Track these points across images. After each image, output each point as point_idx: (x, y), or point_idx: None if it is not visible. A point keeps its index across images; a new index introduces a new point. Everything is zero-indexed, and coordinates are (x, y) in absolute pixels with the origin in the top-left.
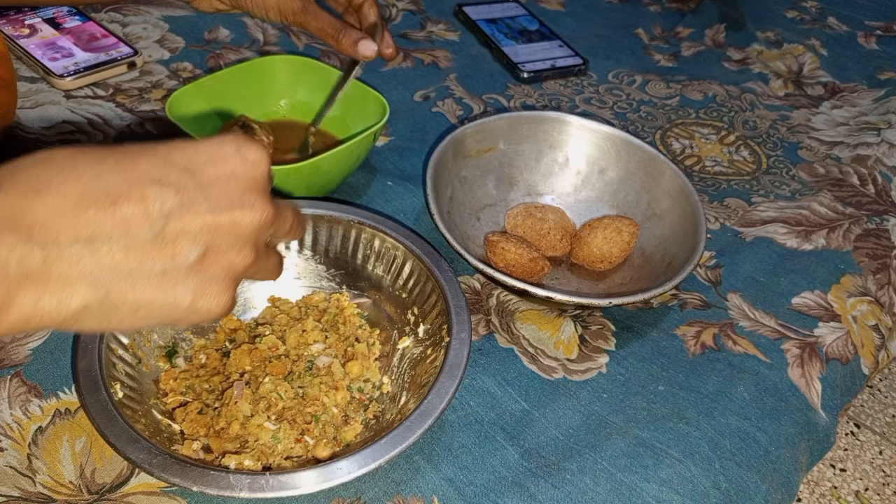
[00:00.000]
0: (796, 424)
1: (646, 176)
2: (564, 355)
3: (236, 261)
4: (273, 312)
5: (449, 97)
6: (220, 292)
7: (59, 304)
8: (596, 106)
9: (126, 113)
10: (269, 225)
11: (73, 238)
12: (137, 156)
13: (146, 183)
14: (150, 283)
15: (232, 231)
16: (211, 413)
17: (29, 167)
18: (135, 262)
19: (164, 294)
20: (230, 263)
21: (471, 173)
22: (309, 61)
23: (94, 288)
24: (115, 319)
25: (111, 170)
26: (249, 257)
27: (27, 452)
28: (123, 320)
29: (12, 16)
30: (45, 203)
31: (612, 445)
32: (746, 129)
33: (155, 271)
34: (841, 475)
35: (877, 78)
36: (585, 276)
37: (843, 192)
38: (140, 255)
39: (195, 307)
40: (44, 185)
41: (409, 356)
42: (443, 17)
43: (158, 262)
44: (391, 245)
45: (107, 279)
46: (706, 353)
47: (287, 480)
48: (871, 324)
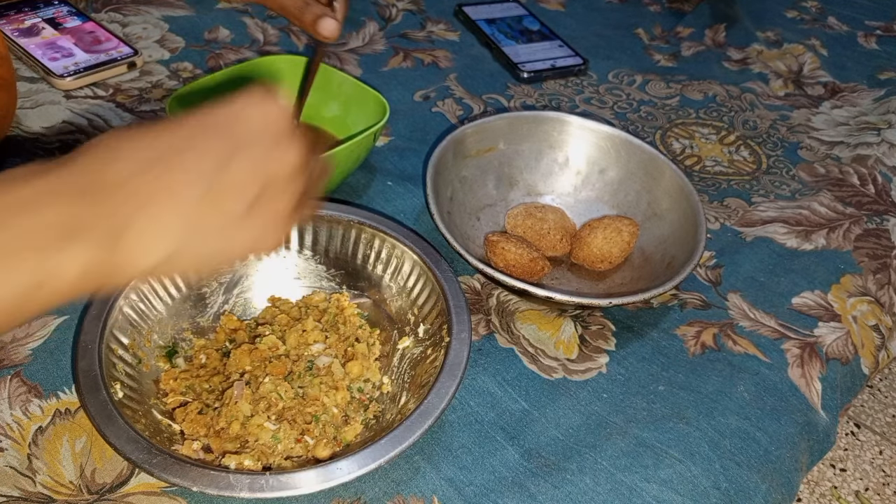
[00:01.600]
0: (796, 424)
1: (646, 176)
2: (564, 355)
3: (283, 202)
4: (273, 312)
5: (449, 97)
6: (275, 232)
7: (140, 256)
8: (596, 106)
9: (126, 113)
10: (303, 166)
11: (145, 196)
12: (179, 125)
13: (190, 147)
14: (214, 232)
15: (273, 176)
16: (211, 413)
17: (98, 143)
18: (196, 215)
19: (228, 240)
20: (279, 205)
21: (471, 173)
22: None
23: (167, 240)
24: (187, 266)
25: (160, 139)
26: (293, 197)
27: (27, 452)
28: (195, 266)
29: (12, 15)
30: (116, 169)
31: (612, 445)
32: (746, 129)
33: (215, 221)
34: (841, 475)
35: (877, 78)
36: (585, 276)
37: (843, 192)
38: (199, 210)
39: (256, 248)
40: (112, 155)
41: (409, 356)
42: (443, 17)
43: (216, 212)
44: (391, 245)
45: (175, 232)
46: (706, 353)
47: (287, 480)
48: (871, 324)
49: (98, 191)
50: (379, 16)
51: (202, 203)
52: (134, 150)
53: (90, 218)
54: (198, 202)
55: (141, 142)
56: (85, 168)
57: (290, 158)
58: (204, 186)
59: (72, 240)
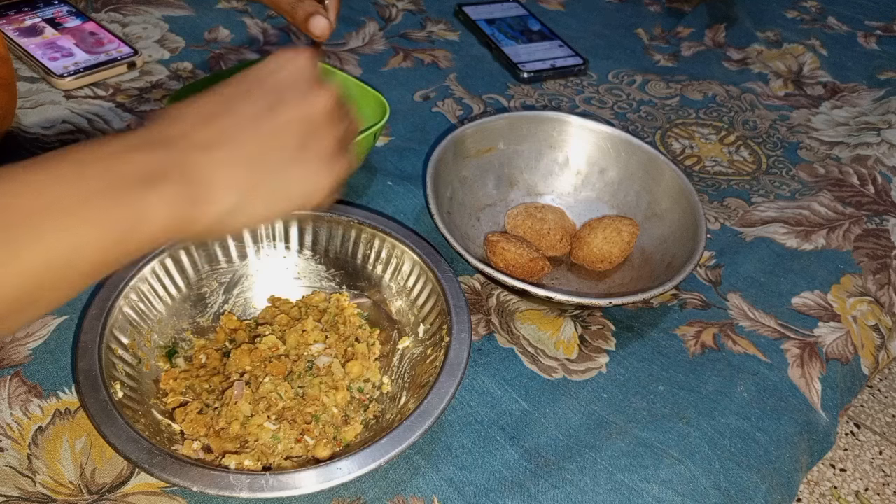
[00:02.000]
0: (796, 424)
1: (646, 176)
2: (564, 355)
3: (328, 139)
4: (273, 312)
5: (449, 97)
6: (328, 169)
7: (215, 196)
8: (596, 106)
9: (126, 113)
10: (338, 106)
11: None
12: (224, 87)
13: (238, 101)
14: (274, 170)
15: (315, 116)
16: (211, 413)
17: (157, 113)
18: (255, 156)
19: (289, 180)
20: (325, 142)
21: (471, 173)
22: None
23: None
24: (255, 213)
25: (210, 100)
26: (337, 136)
27: (27, 452)
28: (264, 209)
29: (12, 15)
30: (179, 126)
31: (612, 445)
32: (746, 129)
33: (273, 159)
34: (841, 475)
35: (877, 78)
36: (585, 276)
37: (843, 192)
38: (257, 150)
39: (315, 187)
40: (173, 117)
41: (409, 356)
42: (443, 17)
43: (272, 151)
44: (391, 245)
45: (240, 172)
46: (706, 353)
47: (287, 480)
48: (871, 324)
49: (168, 143)
50: (379, 16)
51: (258, 144)
52: (189, 111)
53: (167, 164)
54: (254, 144)
55: (194, 105)
56: (151, 129)
57: (326, 100)
58: (256, 130)
59: (156, 183)
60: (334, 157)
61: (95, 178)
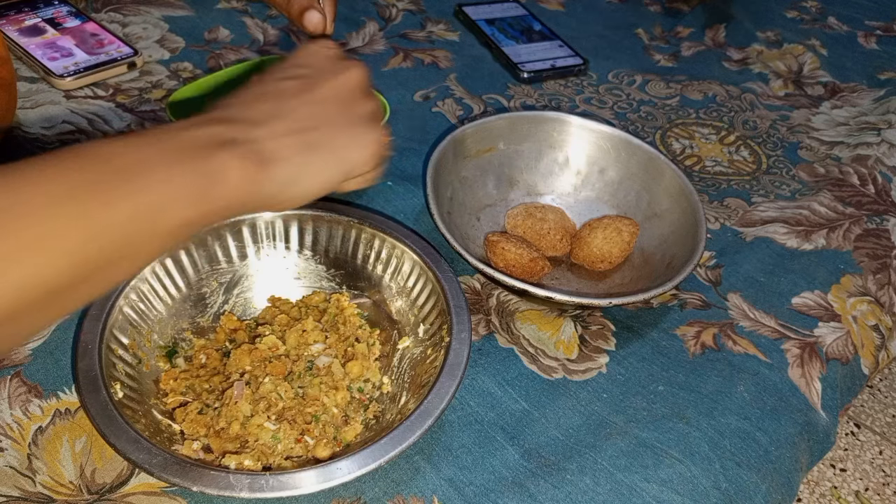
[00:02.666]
0: (796, 424)
1: (646, 176)
2: (564, 355)
3: (368, 105)
4: (273, 312)
5: (449, 97)
6: (372, 129)
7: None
8: (596, 106)
9: (126, 113)
10: (369, 77)
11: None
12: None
13: (278, 83)
14: (327, 135)
15: (351, 86)
16: (211, 413)
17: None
18: (306, 124)
19: (340, 135)
20: (366, 107)
21: (471, 173)
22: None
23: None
24: (313, 180)
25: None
26: (373, 100)
27: (27, 452)
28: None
29: (12, 15)
30: (233, 109)
31: (612, 445)
32: (746, 129)
33: (323, 127)
34: (841, 475)
35: (877, 78)
36: (585, 276)
37: (843, 192)
38: (307, 120)
39: (368, 140)
40: (225, 104)
41: (409, 356)
42: (443, 17)
43: (320, 120)
44: (391, 245)
45: (295, 141)
46: (706, 353)
47: (287, 480)
48: (871, 324)
49: (226, 121)
50: (379, 16)
51: (306, 116)
52: (235, 99)
53: (231, 134)
54: (303, 116)
55: (238, 94)
56: (204, 114)
57: (358, 74)
58: (302, 104)
59: (225, 147)
60: (374, 124)
61: (171, 143)
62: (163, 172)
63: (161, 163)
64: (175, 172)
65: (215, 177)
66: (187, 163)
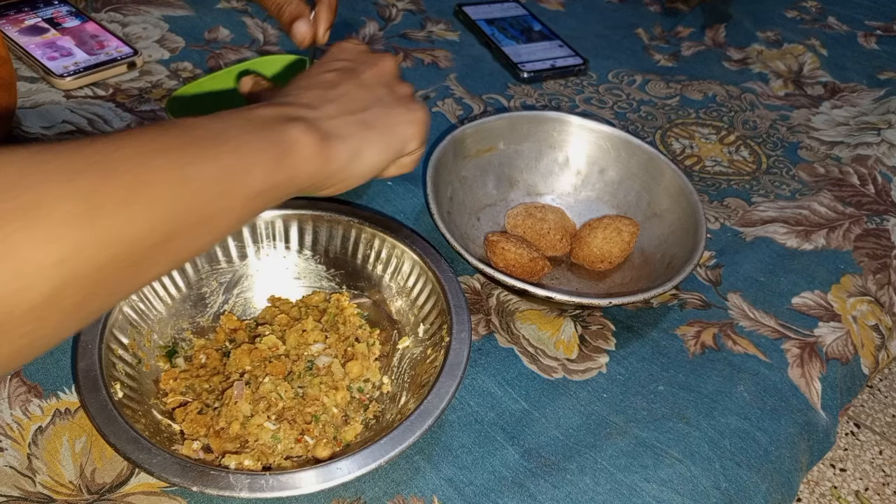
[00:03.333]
0: (796, 424)
1: (646, 176)
2: (564, 355)
3: (406, 87)
4: (273, 312)
5: (449, 97)
6: (416, 105)
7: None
8: (596, 106)
9: (126, 113)
10: (399, 64)
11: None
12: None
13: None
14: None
15: (388, 71)
16: (211, 413)
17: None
18: (357, 105)
19: (390, 114)
20: (406, 89)
21: (471, 173)
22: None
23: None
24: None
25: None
26: (408, 84)
27: (27, 452)
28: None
29: (12, 15)
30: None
31: (612, 445)
32: (746, 129)
33: (374, 110)
34: (841, 475)
35: (877, 78)
36: (585, 276)
37: (843, 192)
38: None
39: (414, 117)
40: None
41: (409, 356)
42: (443, 17)
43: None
44: (391, 245)
45: (354, 124)
46: (706, 353)
47: (287, 480)
48: (871, 324)
49: (287, 104)
50: (379, 16)
51: (357, 98)
52: (286, 91)
53: (296, 112)
54: (354, 98)
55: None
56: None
57: (391, 61)
58: (350, 89)
59: (294, 122)
60: (417, 102)
61: (242, 119)
62: (241, 140)
63: (239, 133)
64: (252, 140)
65: (288, 147)
66: (262, 133)
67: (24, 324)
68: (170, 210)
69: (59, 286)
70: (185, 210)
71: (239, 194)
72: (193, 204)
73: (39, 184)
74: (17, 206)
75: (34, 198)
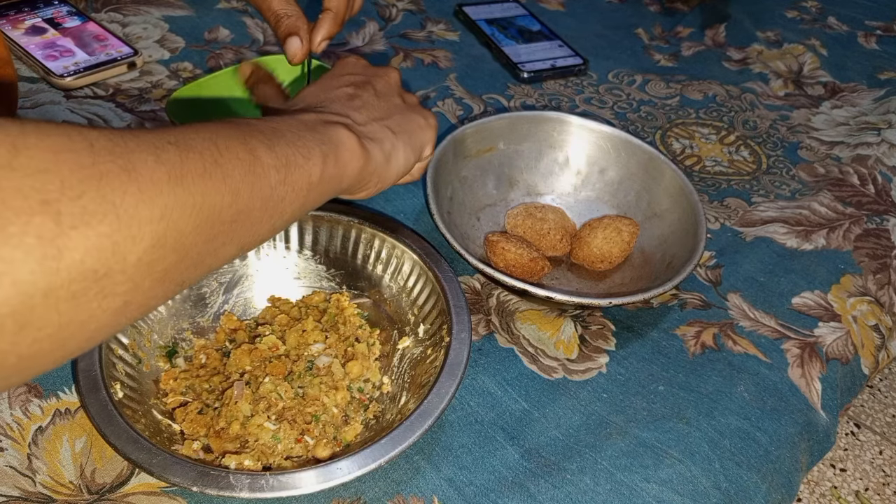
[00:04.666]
0: (796, 424)
1: (646, 176)
2: (564, 355)
3: (413, 96)
4: (273, 312)
5: (449, 97)
6: (427, 112)
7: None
8: (596, 106)
9: (126, 113)
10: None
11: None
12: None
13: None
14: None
15: (397, 82)
16: (211, 413)
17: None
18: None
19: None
20: (413, 98)
21: (471, 173)
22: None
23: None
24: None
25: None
26: (413, 94)
27: (27, 452)
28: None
29: (12, 16)
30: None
31: (612, 445)
32: (746, 129)
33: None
34: (841, 475)
35: (877, 78)
36: (585, 276)
37: (843, 192)
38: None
39: (428, 122)
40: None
41: (409, 356)
42: (443, 17)
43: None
44: (391, 245)
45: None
46: (706, 353)
47: (287, 480)
48: (871, 324)
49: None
50: (379, 16)
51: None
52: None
53: (332, 117)
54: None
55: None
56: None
57: (396, 74)
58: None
59: (336, 125)
60: (426, 110)
61: (293, 120)
62: (295, 135)
63: (292, 130)
64: (304, 136)
65: (336, 145)
66: (311, 132)
67: (125, 281)
68: (240, 188)
69: (155, 244)
70: (250, 191)
71: (297, 183)
72: (258, 186)
73: (131, 152)
74: (116, 167)
75: (129, 162)
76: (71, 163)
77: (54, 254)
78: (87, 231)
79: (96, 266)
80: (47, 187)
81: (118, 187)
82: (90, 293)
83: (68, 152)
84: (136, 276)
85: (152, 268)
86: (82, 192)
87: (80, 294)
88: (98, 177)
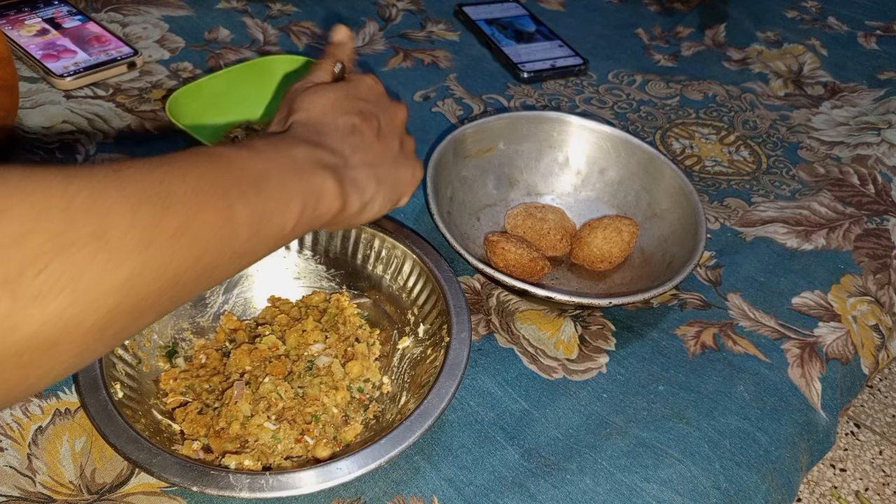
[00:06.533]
0: (796, 424)
1: (646, 176)
2: (564, 355)
3: (411, 141)
4: (273, 312)
5: (449, 97)
6: (418, 164)
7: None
8: (596, 106)
9: (126, 113)
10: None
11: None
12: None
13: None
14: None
15: (400, 123)
16: (211, 413)
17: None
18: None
19: (398, 171)
20: (411, 144)
21: (471, 173)
22: (309, 61)
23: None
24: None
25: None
26: (411, 137)
27: (27, 452)
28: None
29: (12, 16)
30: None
31: (612, 445)
32: (746, 129)
33: (387, 162)
34: (841, 475)
35: (877, 78)
36: (585, 276)
37: (843, 192)
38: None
39: (414, 176)
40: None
41: (409, 356)
42: (443, 17)
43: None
44: (391, 245)
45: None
46: (706, 353)
47: (287, 480)
48: (871, 324)
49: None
50: (379, 16)
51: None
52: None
53: (327, 160)
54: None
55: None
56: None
57: (404, 113)
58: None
59: (326, 170)
60: (417, 160)
61: (282, 159)
62: (279, 186)
63: (278, 175)
64: (288, 185)
65: (318, 193)
66: (297, 179)
67: (76, 346)
68: (211, 246)
69: (112, 311)
70: (222, 246)
71: (268, 236)
72: (226, 244)
73: (109, 210)
74: (87, 233)
75: (102, 225)
76: (44, 232)
77: (10, 326)
78: (45, 307)
79: (49, 337)
80: (10, 266)
81: (85, 257)
82: (40, 360)
83: (44, 220)
84: (87, 342)
85: (104, 332)
86: (47, 264)
87: (28, 363)
88: (67, 246)
